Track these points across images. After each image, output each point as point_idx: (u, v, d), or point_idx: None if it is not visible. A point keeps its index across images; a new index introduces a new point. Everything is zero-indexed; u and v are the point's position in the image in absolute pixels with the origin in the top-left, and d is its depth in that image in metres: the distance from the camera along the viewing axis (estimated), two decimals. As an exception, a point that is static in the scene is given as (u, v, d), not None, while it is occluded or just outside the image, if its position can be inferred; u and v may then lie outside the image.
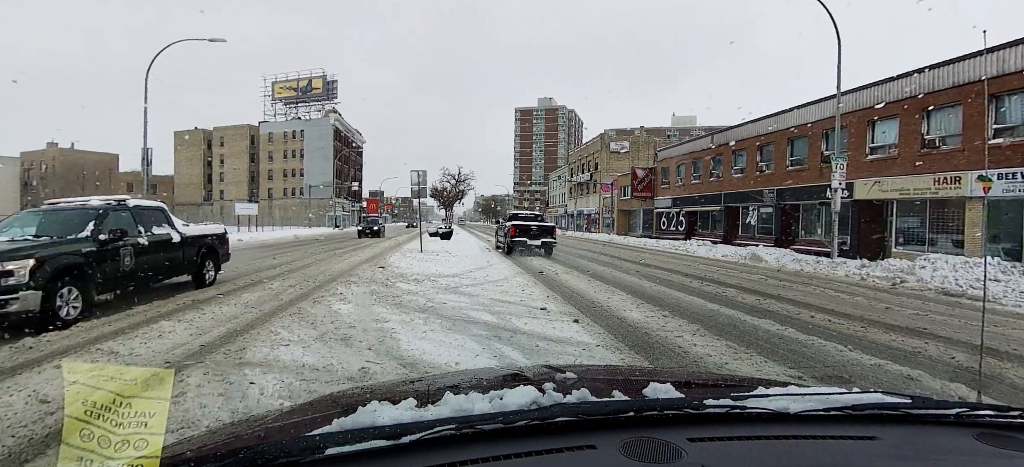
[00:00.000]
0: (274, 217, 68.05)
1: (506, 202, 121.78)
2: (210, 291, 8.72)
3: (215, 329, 5.79)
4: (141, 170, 23.09)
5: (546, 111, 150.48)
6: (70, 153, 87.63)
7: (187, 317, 6.39)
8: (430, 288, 9.14)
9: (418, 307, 7.18)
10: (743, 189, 28.49)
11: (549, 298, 8.25)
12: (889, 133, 19.87)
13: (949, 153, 17.30)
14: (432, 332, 5.68)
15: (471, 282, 10.16)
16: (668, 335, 5.85)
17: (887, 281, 13.25)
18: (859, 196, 20.46)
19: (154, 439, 0.88)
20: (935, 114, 18.01)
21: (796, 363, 4.82)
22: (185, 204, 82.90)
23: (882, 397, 1.22)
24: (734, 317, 7.08)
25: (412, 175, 15.92)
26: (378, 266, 13.05)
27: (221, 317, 6.46)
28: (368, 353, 4.83)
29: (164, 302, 7.52)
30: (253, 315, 6.63)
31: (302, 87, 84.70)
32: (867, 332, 6.24)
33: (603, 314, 7.07)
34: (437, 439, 0.90)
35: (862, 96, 20.65)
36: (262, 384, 3.86)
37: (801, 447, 0.97)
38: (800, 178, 24.14)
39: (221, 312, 6.79)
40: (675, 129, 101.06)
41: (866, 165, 20.37)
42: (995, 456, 0.96)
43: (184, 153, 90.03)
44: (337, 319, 6.27)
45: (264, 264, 14.06)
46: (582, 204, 61.77)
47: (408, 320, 6.29)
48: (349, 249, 21.78)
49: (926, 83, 18.12)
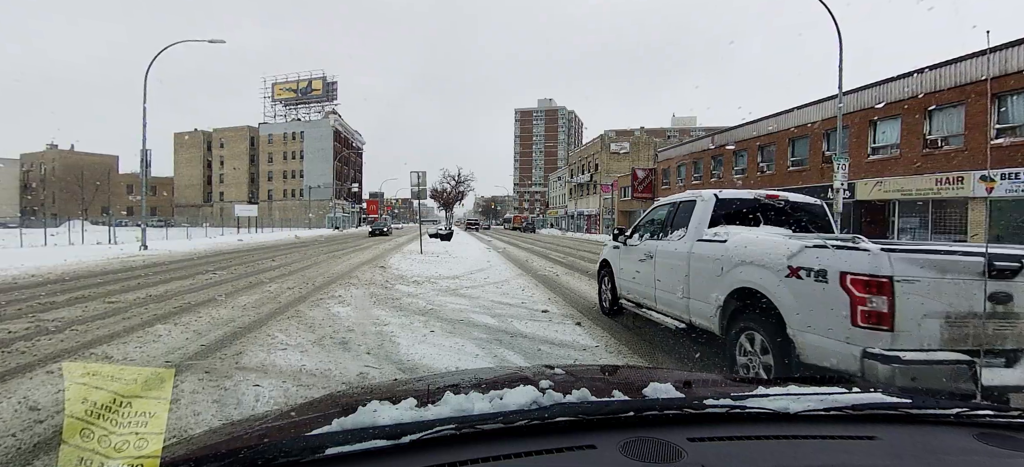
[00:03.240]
0: (274, 219, 67.95)
1: (506, 203, 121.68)
2: (207, 293, 8.64)
3: (212, 332, 5.71)
4: (139, 171, 23.01)
5: (546, 112, 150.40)
6: (70, 155, 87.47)
7: (183, 320, 6.31)
8: (430, 290, 9.05)
9: (418, 310, 7.09)
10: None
11: (551, 301, 8.16)
12: (891, 133, 19.79)
13: (951, 153, 17.22)
14: (432, 335, 5.59)
15: (471, 284, 10.08)
16: (677, 341, 5.75)
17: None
18: (861, 196, 20.39)
19: (154, 439, 0.88)
20: (937, 114, 17.94)
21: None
22: (185, 206, 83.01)
23: (882, 397, 1.21)
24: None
25: (412, 176, 15.83)
26: (378, 267, 12.97)
27: (218, 320, 6.38)
28: (367, 357, 4.74)
29: (161, 304, 7.43)
30: (250, 318, 6.54)
31: (302, 89, 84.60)
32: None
33: (606, 316, 6.98)
34: (437, 439, 0.90)
35: (863, 96, 20.58)
36: (258, 391, 3.78)
37: (801, 447, 0.97)
38: (801, 179, 24.06)
39: (218, 315, 6.70)
40: (675, 130, 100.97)
41: (867, 165, 20.30)
42: (995, 456, 0.95)
43: (184, 155, 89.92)
44: (335, 322, 6.18)
45: (261, 266, 13.98)
46: (582, 205, 61.68)
47: (407, 323, 6.21)
48: (349, 250, 21.72)
49: (928, 83, 18.05)
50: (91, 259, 15.63)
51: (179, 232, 37.38)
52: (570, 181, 68.17)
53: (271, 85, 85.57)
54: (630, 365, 4.53)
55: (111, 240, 26.15)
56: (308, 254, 19.15)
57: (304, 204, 72.75)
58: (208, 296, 8.34)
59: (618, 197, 48.37)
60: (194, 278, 11.01)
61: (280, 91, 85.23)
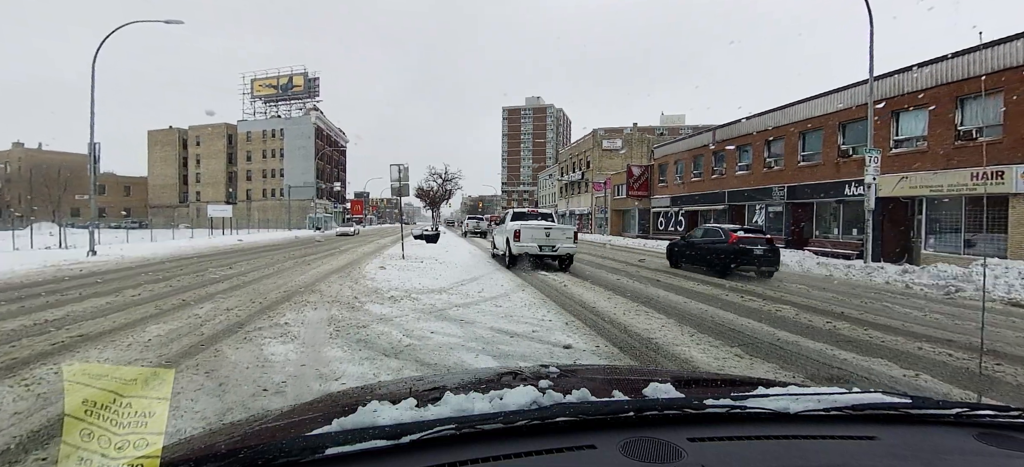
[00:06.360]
0: (253, 219, 65.11)
1: (494, 202, 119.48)
2: (114, 319, 6.55)
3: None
4: (89, 169, 20.60)
5: (534, 110, 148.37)
6: (37, 153, 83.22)
7: (36, 373, 4.25)
8: (409, 311, 7.04)
9: (390, 347, 5.09)
10: (749, 187, 26.77)
11: (569, 326, 6.18)
12: (917, 124, 18.20)
13: (988, 145, 15.66)
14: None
15: (462, 300, 8.09)
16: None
17: (937, 289, 11.51)
18: (883, 193, 18.72)
19: (154, 439, 0.87)
20: (970, 103, 16.39)
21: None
22: (159, 206, 79.30)
23: (882, 397, 1.20)
24: (823, 353, 5.14)
25: (391, 170, 13.78)
26: (348, 278, 10.92)
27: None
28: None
29: (30, 340, 5.34)
30: (145, 363, 4.52)
31: (283, 85, 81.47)
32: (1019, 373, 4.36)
33: (651, 352, 5.08)
34: (437, 439, 0.88)
35: (885, 85, 18.94)
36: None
37: (801, 447, 0.95)
38: (814, 174, 22.46)
39: (103, 357, 4.65)
40: (665, 128, 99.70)
41: (890, 159, 18.66)
42: (995, 456, 0.94)
43: (158, 153, 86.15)
44: (263, 374, 4.18)
45: (211, 276, 11.84)
46: (574, 204, 59.88)
47: (372, 374, 4.23)
48: (323, 254, 19.57)
49: (960, 69, 16.49)
50: (23, 268, 13.39)
51: (146, 234, 34.97)
52: (561, 179, 66.34)
53: (250, 81, 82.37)
54: (630, 365, 4.47)
55: (62, 244, 23.83)
56: (275, 259, 16.96)
57: (284, 204, 69.92)
58: (112, 324, 6.24)
59: (611, 195, 46.69)
60: (120, 294, 8.89)
61: (260, 87, 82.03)
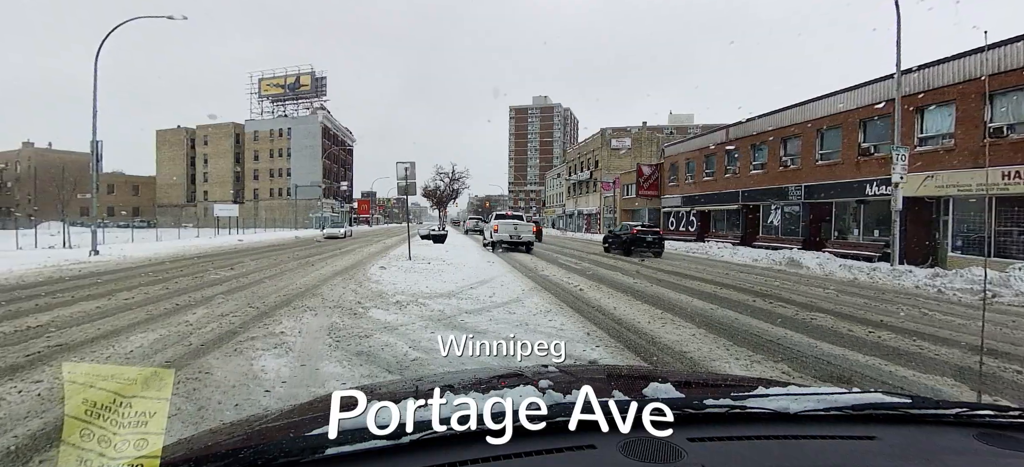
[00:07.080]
0: (260, 219, 64.96)
1: (501, 202, 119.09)
2: (100, 325, 6.10)
3: (29, 421, 3.21)
4: (91, 167, 20.32)
5: (541, 109, 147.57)
6: (47, 153, 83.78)
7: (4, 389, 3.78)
8: (417, 318, 6.54)
9: (394, 361, 4.58)
10: (764, 186, 26.06)
11: (590, 337, 5.64)
12: (943, 121, 17.48)
13: (1022, 143, 14.96)
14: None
15: (473, 306, 7.57)
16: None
17: (973, 295, 10.87)
18: (906, 192, 18.00)
19: (154, 439, 0.87)
20: (1002, 98, 15.67)
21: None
22: (167, 205, 79.52)
23: (882, 397, 1.20)
24: (872, 366, 4.58)
25: (398, 167, 13.26)
26: (352, 281, 10.45)
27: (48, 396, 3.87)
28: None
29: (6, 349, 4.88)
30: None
31: (290, 84, 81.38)
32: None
33: (686, 367, 4.54)
34: (437, 439, 0.88)
35: (910, 80, 18.19)
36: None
37: (801, 447, 0.95)
38: (833, 173, 21.75)
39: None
40: (673, 127, 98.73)
41: (914, 157, 17.93)
42: (995, 456, 0.94)
43: (166, 152, 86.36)
44: (250, 393, 3.69)
45: (214, 277, 11.42)
46: (582, 204, 59.23)
47: (374, 394, 3.73)
48: (327, 255, 19.16)
49: (990, 63, 15.77)
50: (22, 268, 13.07)
51: (152, 233, 34.82)
52: (568, 179, 65.71)
53: (258, 80, 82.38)
54: (630, 365, 4.44)
55: (65, 243, 23.62)
56: (279, 260, 16.55)
57: (290, 204, 69.82)
58: (97, 331, 5.79)
59: (620, 194, 46.03)
60: (112, 297, 8.47)
61: (267, 87, 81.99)
